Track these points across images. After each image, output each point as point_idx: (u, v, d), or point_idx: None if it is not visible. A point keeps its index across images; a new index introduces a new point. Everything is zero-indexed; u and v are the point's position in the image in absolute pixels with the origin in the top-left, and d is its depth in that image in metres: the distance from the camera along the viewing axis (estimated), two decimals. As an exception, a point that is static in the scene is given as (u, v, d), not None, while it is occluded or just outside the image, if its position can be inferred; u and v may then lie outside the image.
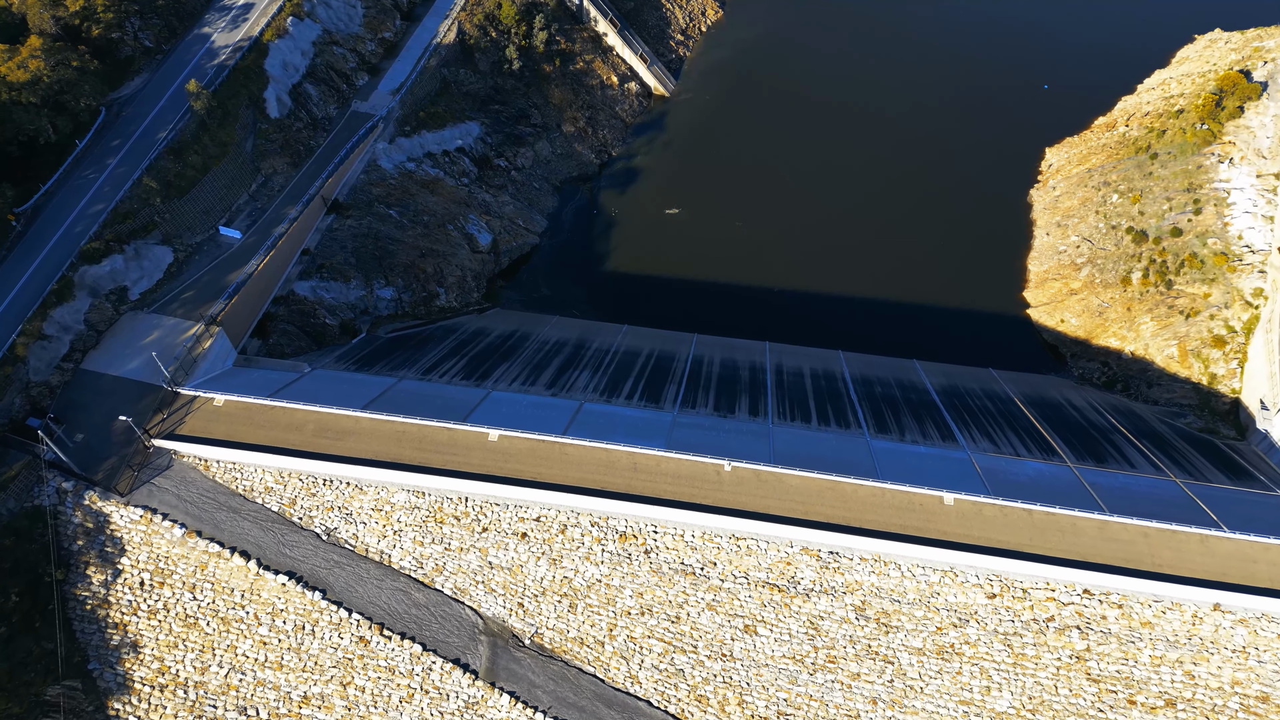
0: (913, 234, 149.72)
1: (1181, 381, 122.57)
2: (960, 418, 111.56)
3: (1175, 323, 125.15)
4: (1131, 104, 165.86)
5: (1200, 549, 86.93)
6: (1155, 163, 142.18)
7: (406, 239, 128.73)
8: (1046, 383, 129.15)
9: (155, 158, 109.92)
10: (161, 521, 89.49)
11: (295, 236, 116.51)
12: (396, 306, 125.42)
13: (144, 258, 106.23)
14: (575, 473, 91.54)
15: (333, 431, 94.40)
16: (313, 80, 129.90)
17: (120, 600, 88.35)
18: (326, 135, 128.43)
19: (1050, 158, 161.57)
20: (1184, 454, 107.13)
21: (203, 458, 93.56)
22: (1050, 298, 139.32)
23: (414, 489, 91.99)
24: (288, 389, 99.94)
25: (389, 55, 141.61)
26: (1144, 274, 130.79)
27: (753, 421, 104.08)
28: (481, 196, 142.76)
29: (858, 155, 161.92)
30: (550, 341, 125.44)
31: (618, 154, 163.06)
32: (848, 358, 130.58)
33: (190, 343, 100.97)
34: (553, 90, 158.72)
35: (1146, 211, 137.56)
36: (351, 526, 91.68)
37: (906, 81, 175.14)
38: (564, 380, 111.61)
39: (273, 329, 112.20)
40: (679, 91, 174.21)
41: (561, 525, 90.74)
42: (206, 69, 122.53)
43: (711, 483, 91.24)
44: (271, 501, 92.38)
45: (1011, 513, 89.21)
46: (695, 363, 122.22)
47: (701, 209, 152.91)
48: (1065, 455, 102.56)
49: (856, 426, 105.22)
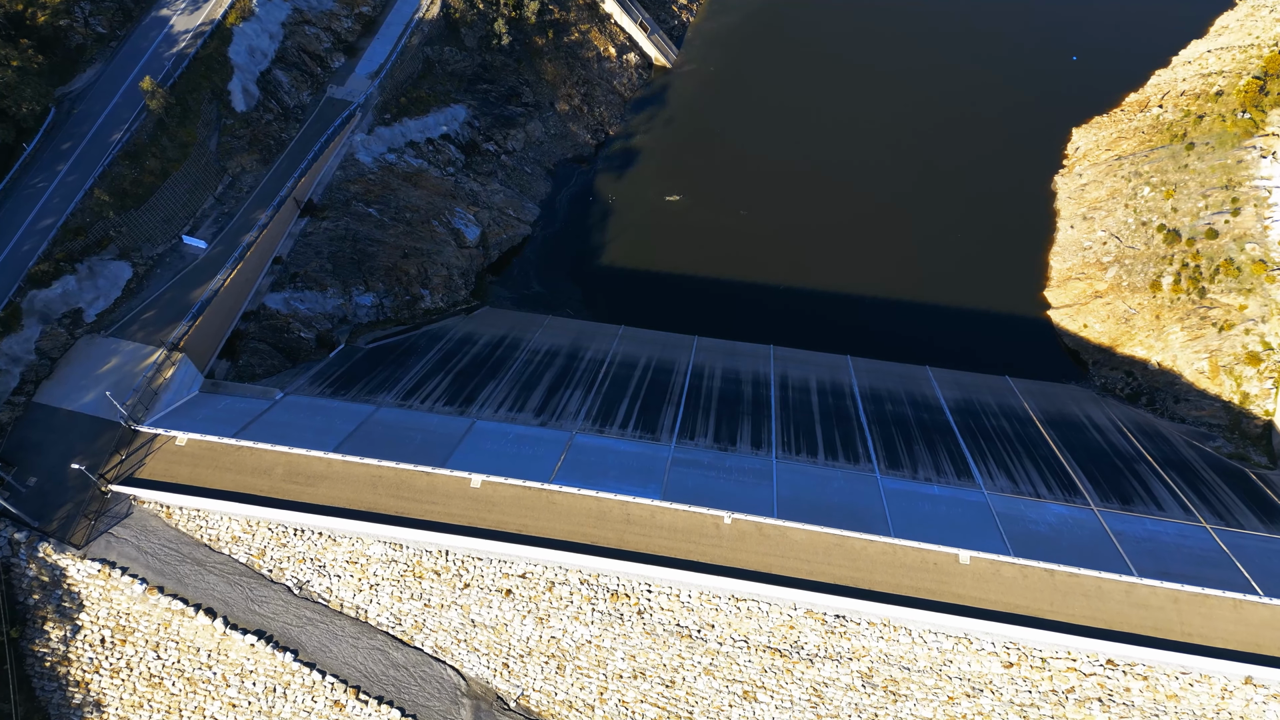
0: (926, 221, 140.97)
1: (1211, 399, 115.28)
2: (976, 445, 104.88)
3: (1207, 335, 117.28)
4: (1166, 79, 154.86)
5: (1233, 615, 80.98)
6: (1191, 154, 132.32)
7: (387, 239, 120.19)
8: (1066, 395, 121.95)
9: (109, 164, 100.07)
10: (121, 577, 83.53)
11: (265, 244, 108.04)
12: (377, 313, 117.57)
13: (99, 275, 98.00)
14: (564, 525, 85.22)
15: (304, 476, 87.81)
16: (283, 65, 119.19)
17: (81, 657, 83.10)
18: (300, 126, 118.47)
19: (1077, 140, 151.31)
20: (1213, 489, 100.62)
21: (164, 504, 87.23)
22: (1073, 299, 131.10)
23: (391, 541, 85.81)
24: (257, 422, 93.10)
25: (367, 32, 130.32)
26: (1175, 279, 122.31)
27: (755, 456, 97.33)
28: (469, 186, 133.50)
29: (869, 133, 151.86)
30: (541, 350, 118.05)
31: (615, 133, 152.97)
32: (856, 365, 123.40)
33: (151, 371, 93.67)
34: (545, 65, 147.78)
35: (1180, 208, 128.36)
36: (325, 580, 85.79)
37: (924, 52, 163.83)
38: (554, 403, 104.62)
39: (242, 348, 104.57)
40: (681, 62, 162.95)
41: (549, 582, 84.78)
42: (165, 58, 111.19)
43: (710, 537, 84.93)
44: (239, 552, 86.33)
45: (1032, 574, 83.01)
46: (695, 376, 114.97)
47: (704, 195, 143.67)
48: (1088, 494, 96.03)
49: (866, 461, 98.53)
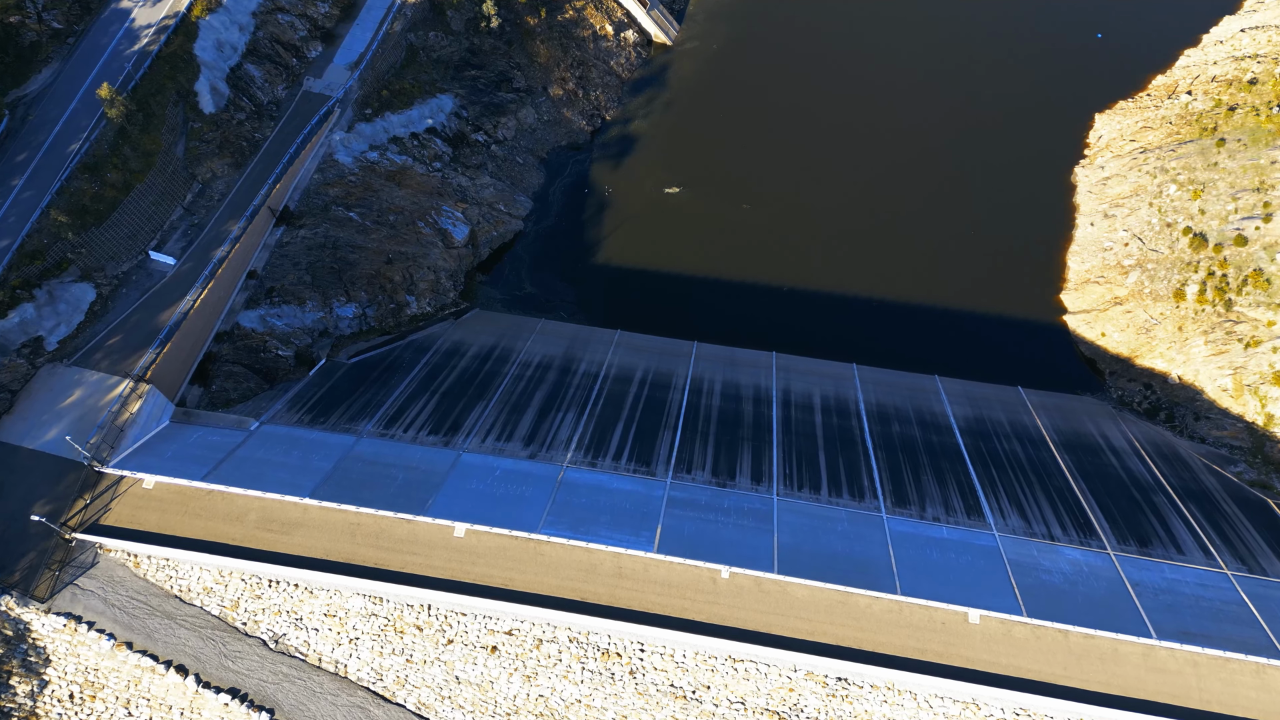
0: (939, 212, 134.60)
1: (1233, 419, 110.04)
2: (987, 474, 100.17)
3: (1232, 351, 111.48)
4: (1196, 60, 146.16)
5: (1255, 681, 76.99)
6: (1221, 150, 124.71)
7: (370, 245, 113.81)
8: (1082, 409, 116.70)
9: (66, 178, 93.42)
10: (88, 632, 79.57)
11: (239, 259, 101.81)
12: (360, 324, 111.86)
13: (60, 300, 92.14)
14: (552, 579, 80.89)
15: (278, 523, 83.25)
16: (255, 59, 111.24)
17: (50, 713, 79.37)
18: (274, 124, 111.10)
19: (1100, 127, 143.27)
20: (1234, 525, 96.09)
21: (132, 553, 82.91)
22: (1091, 304, 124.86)
23: (371, 594, 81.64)
24: (230, 460, 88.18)
25: (346, 17, 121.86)
26: (1200, 289, 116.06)
27: (755, 494, 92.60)
28: (457, 181, 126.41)
29: (878, 114, 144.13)
30: (533, 363, 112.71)
31: (612, 117, 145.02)
32: (862, 376, 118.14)
33: (116, 405, 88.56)
34: (538, 46, 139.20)
35: (1208, 210, 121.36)
36: (302, 633, 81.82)
37: (941, 26, 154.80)
38: (545, 430, 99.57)
39: (215, 372, 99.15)
40: (683, 39, 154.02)
41: (536, 639, 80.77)
42: (126, 56, 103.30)
43: (707, 593, 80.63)
44: (211, 604, 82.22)
45: (1045, 634, 78.89)
46: (693, 393, 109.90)
47: (704, 186, 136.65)
48: (1104, 534, 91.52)
49: (872, 497, 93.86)
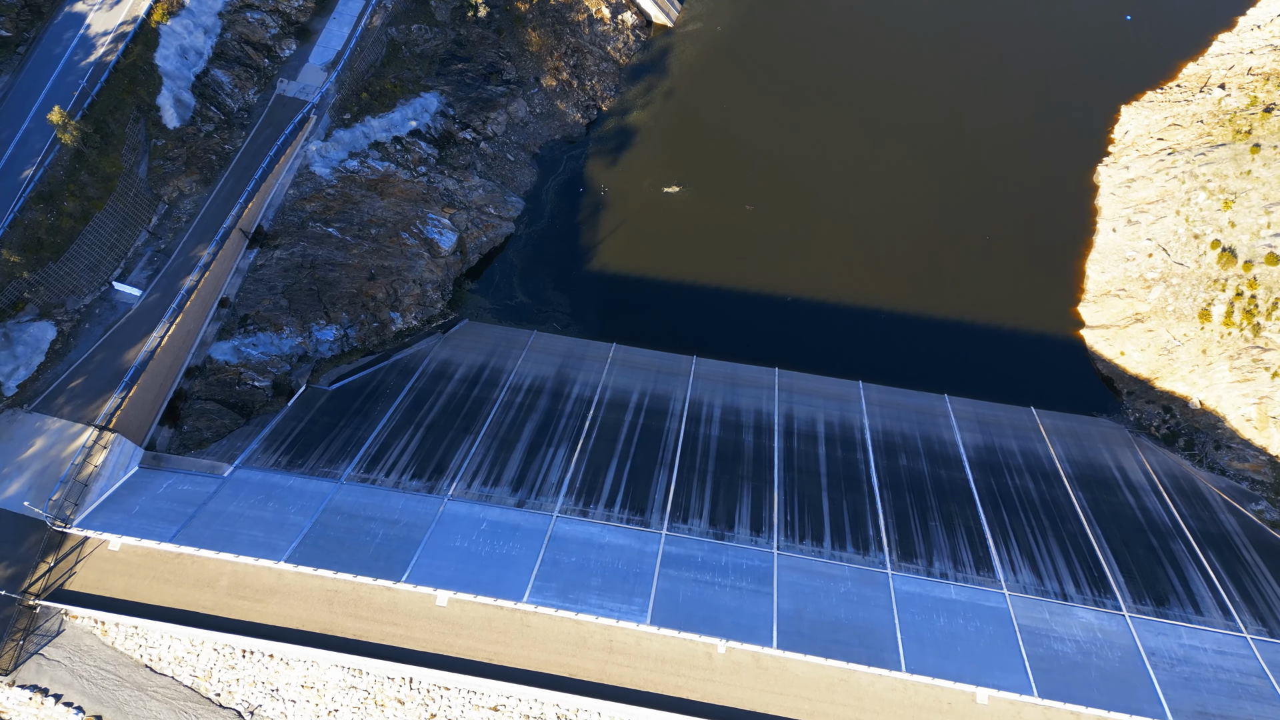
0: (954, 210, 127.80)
1: (1256, 451, 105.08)
2: (998, 518, 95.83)
3: (1258, 380, 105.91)
4: (1231, 47, 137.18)
5: (1275, 768, 73.80)
6: (1256, 157, 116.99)
7: (351, 261, 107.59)
8: (1097, 434, 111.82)
9: (19, 209, 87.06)
10: (55, 705, 76.20)
11: (209, 287, 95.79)
12: (342, 345, 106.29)
13: (17, 342, 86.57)
14: (539, 654, 77.06)
15: (252, 589, 79.15)
16: (223, 63, 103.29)
17: (19, 784, 76.86)
18: (246, 133, 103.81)
19: (1126, 121, 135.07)
20: (1254, 576, 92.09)
21: (100, 619, 79.05)
22: (1111, 320, 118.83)
23: (350, 667, 77.97)
24: (201, 514, 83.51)
25: (321, 11, 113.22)
26: (1228, 310, 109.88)
27: (754, 548, 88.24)
28: (443, 185, 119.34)
29: (890, 101, 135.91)
30: (523, 387, 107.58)
31: (609, 108, 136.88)
32: (868, 396, 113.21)
33: (80, 456, 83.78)
34: (529, 34, 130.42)
35: (1239, 223, 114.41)
36: (279, 704, 78.40)
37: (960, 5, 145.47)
38: (534, 471, 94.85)
39: (186, 411, 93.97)
40: (684, 20, 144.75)
41: (524, 716, 77.25)
42: (82, 69, 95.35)
43: (702, 669, 76.88)
44: (183, 674, 78.64)
45: (1055, 716, 75.32)
46: (691, 420, 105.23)
47: (705, 184, 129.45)
48: (1119, 591, 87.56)
49: (878, 549, 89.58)
